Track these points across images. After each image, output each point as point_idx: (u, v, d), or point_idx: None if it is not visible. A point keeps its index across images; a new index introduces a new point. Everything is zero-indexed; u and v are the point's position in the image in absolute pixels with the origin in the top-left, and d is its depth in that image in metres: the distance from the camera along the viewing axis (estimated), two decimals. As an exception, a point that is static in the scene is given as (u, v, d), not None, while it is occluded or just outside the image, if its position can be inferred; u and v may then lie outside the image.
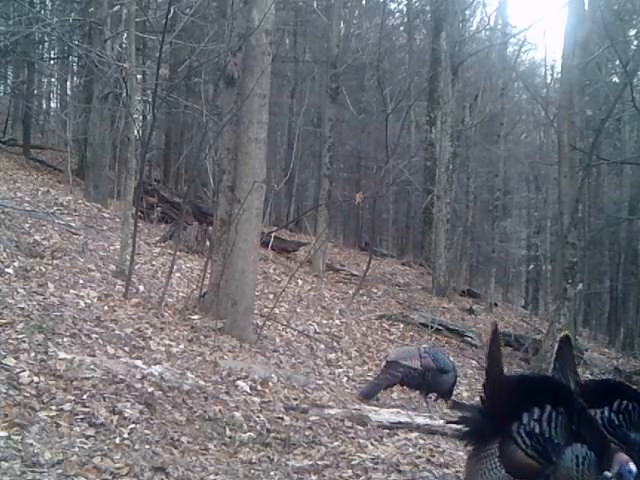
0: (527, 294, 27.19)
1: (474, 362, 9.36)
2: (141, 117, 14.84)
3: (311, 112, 19.49)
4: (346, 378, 6.90)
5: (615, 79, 18.42)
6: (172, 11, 9.36)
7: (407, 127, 18.83)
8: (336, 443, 4.27)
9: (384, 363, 6.29)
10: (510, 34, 19.12)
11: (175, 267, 7.71)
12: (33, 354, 4.22)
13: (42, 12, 17.00)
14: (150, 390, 4.22)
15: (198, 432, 3.96)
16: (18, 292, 5.50)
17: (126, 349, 5.09)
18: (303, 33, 19.87)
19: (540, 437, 2.54)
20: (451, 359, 6.73)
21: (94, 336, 5.05)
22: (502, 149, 18.24)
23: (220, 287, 6.96)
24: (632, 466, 2.54)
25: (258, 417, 4.41)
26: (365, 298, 11.71)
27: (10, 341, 4.34)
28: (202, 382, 4.78)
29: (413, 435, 4.71)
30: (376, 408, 5.26)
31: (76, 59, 18.84)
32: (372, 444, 4.35)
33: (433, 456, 4.20)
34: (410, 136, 20.42)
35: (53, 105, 25.30)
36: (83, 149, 14.74)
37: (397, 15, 22.08)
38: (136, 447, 3.48)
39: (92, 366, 4.29)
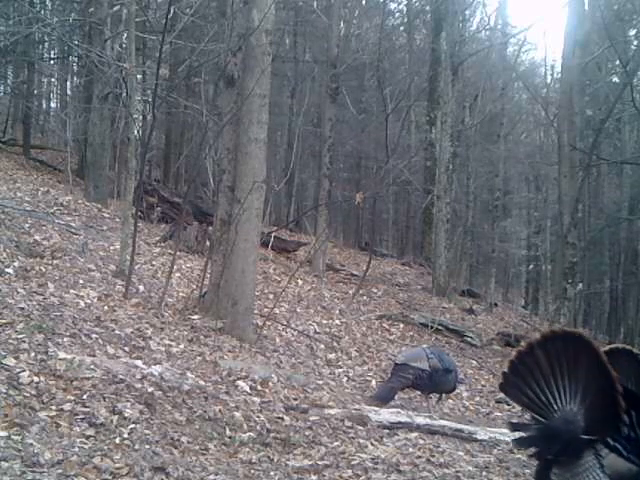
0: (527, 294, 27.19)
1: (474, 362, 9.37)
2: (141, 117, 14.82)
3: (311, 112, 19.47)
4: (346, 378, 6.90)
5: (615, 79, 18.39)
6: (172, 11, 9.34)
7: (407, 127, 18.83)
8: (336, 443, 4.27)
9: (393, 366, 6.23)
10: (510, 34, 19.12)
11: (175, 267, 7.71)
12: (33, 354, 4.22)
13: (42, 12, 17.00)
14: (150, 390, 4.22)
15: (198, 432, 3.95)
16: (18, 292, 5.50)
17: (126, 349, 5.08)
18: (303, 33, 19.88)
19: (633, 442, 2.64)
20: (451, 357, 6.73)
21: (94, 336, 5.05)
22: (502, 149, 18.25)
23: (220, 287, 6.96)
24: None
25: (258, 417, 4.40)
26: (365, 298, 11.71)
27: (10, 341, 4.34)
28: (202, 382, 4.78)
29: (413, 435, 4.71)
30: (376, 408, 5.26)
31: (76, 59, 18.84)
32: (372, 444, 4.35)
33: (433, 456, 4.20)
34: (410, 136, 20.43)
35: (53, 105, 25.30)
36: (83, 149, 14.71)
37: (397, 15, 22.10)
38: (136, 447, 3.48)
39: (92, 366, 4.28)
